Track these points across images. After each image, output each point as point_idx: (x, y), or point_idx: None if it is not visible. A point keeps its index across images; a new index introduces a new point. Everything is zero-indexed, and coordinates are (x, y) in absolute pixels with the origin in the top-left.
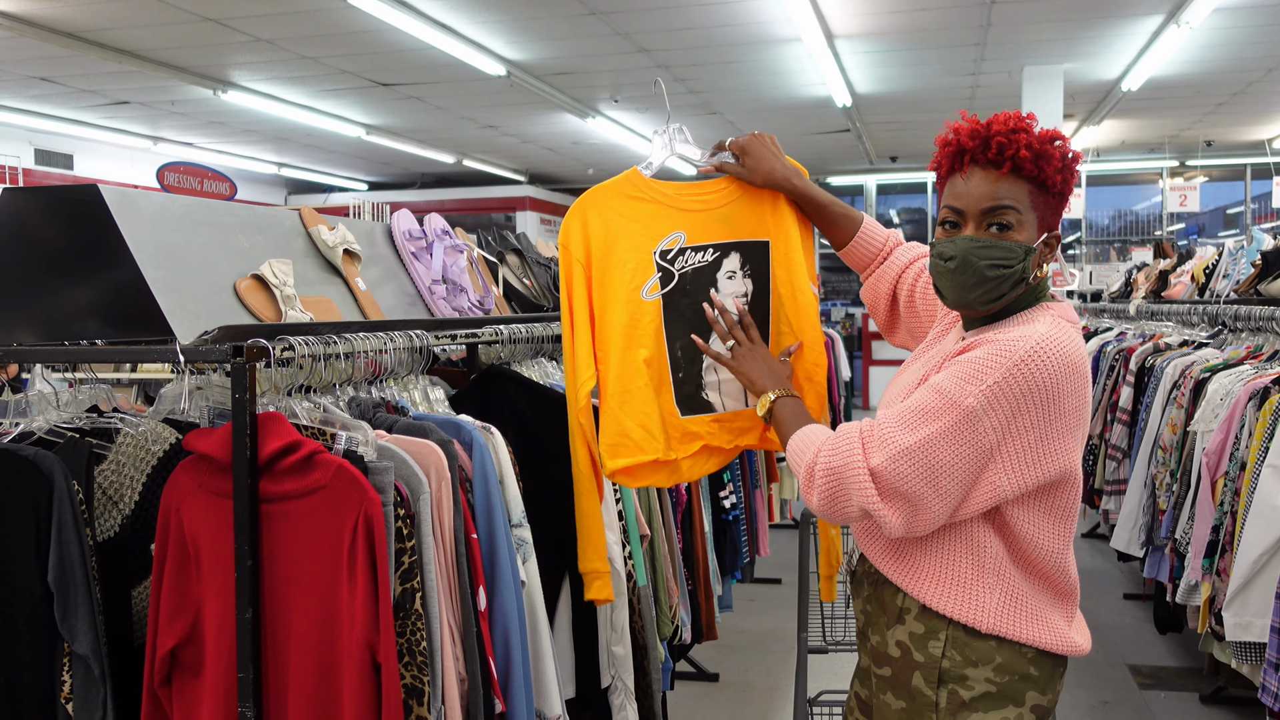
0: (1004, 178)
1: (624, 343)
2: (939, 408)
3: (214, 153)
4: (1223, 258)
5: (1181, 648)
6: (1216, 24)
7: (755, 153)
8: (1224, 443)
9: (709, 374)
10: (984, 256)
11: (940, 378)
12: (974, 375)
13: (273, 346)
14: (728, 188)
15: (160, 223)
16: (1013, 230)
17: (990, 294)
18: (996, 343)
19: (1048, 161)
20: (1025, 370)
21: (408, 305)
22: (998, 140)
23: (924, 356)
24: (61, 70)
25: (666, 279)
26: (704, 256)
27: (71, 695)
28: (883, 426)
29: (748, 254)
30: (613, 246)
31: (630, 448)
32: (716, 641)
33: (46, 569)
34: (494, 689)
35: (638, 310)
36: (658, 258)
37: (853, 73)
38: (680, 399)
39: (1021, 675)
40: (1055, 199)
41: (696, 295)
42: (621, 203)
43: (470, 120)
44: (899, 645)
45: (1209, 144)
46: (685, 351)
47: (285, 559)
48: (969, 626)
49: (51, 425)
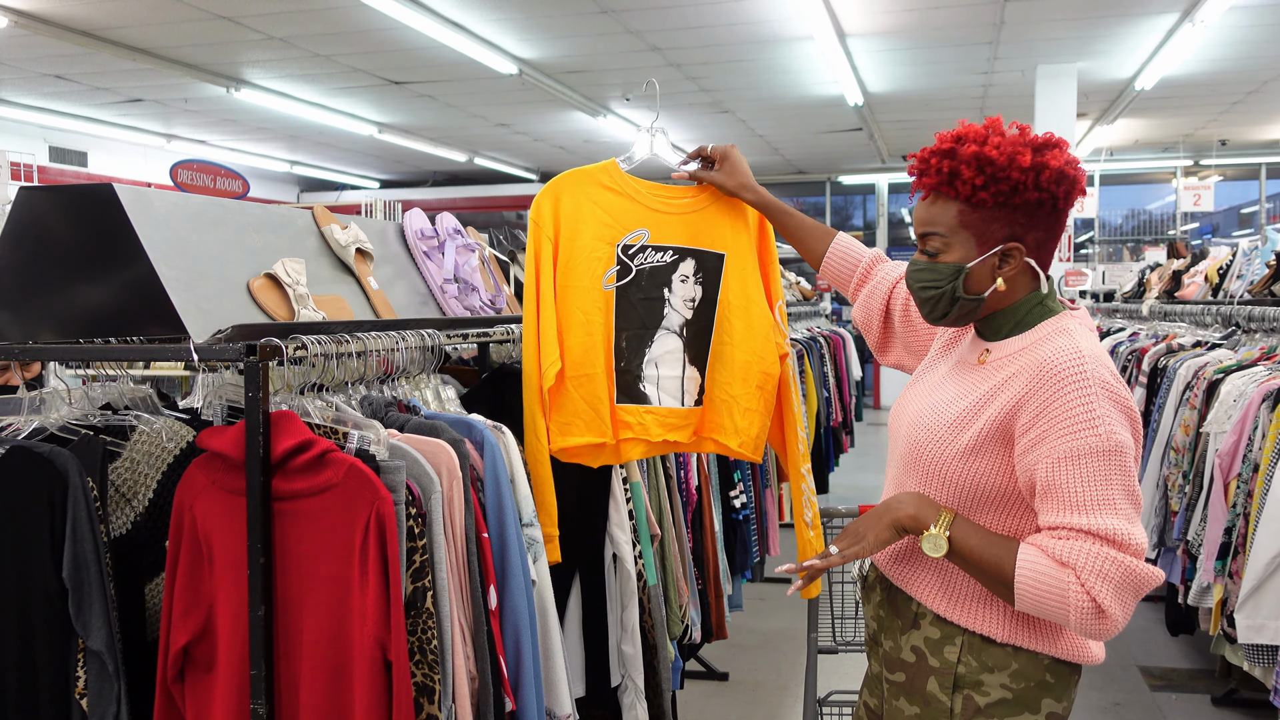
0: (934, 202)
1: (585, 327)
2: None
3: (227, 150)
4: (1236, 258)
5: (1193, 650)
6: (1231, 22)
7: (735, 161)
8: (1237, 444)
9: (649, 368)
10: (916, 280)
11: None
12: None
13: (286, 345)
14: (697, 196)
15: (174, 221)
16: (941, 254)
17: (934, 312)
18: (1055, 369)
19: (961, 181)
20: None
21: (419, 304)
22: (918, 165)
23: (938, 369)
24: (76, 68)
25: (624, 272)
26: (663, 257)
27: (85, 691)
28: (1100, 521)
29: (703, 262)
30: (580, 230)
31: (580, 428)
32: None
33: (61, 565)
34: (505, 687)
35: (597, 297)
36: (619, 251)
37: (865, 71)
38: (620, 387)
39: (1038, 682)
40: (1001, 210)
41: (650, 292)
42: (595, 190)
43: (482, 118)
44: (914, 650)
45: (1223, 143)
46: (630, 342)
47: (297, 557)
48: (985, 635)
49: (65, 422)
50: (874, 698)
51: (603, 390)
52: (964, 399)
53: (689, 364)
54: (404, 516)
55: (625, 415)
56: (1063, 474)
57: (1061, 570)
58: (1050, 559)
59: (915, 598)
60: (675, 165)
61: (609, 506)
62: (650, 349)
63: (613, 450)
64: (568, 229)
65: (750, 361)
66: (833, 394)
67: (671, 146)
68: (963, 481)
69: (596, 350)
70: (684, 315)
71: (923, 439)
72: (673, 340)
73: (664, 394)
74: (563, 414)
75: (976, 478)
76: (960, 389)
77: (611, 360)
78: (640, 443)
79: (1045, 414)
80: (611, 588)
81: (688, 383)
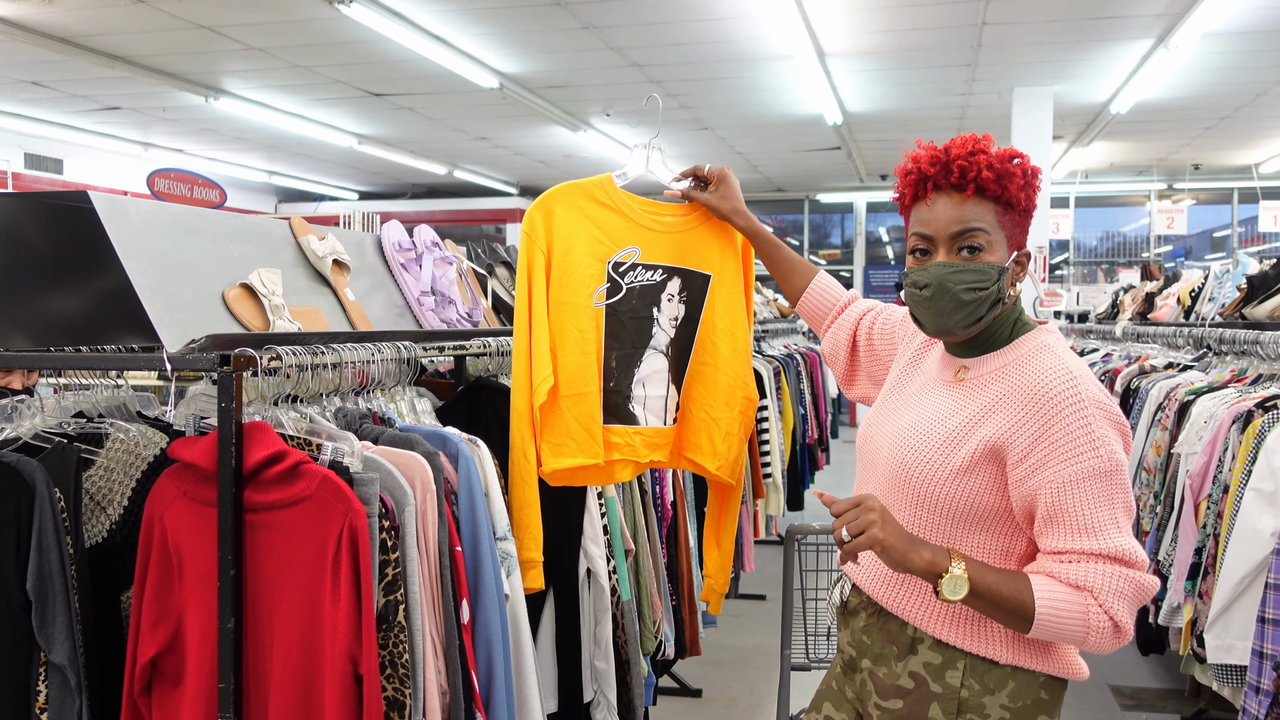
0: (969, 200)
1: (579, 345)
2: (1105, 486)
3: (204, 159)
4: (1209, 281)
5: (1163, 669)
6: (1205, 49)
7: (730, 184)
8: (1207, 465)
9: (638, 388)
10: (959, 281)
11: (1071, 470)
12: (1086, 440)
13: (260, 356)
14: (688, 216)
15: (150, 230)
16: (984, 251)
17: (969, 317)
18: (1050, 393)
19: (1010, 180)
20: (1098, 398)
21: (396, 316)
22: (959, 164)
23: (908, 387)
24: (53, 74)
25: (614, 290)
26: (652, 276)
27: (46, 706)
28: (1108, 542)
29: (689, 281)
30: (573, 245)
31: (573, 449)
32: (700, 657)
33: (26, 577)
34: (476, 702)
35: (589, 315)
36: (610, 268)
37: (844, 91)
38: (607, 407)
39: (1034, 700)
40: (1020, 216)
41: (639, 311)
42: (588, 205)
43: (462, 131)
44: (913, 676)
45: (1196, 167)
46: (620, 362)
47: (269, 569)
48: (987, 658)
49: (37, 430)
50: (840, 713)
51: (596, 410)
52: (951, 418)
53: (671, 383)
54: (377, 529)
55: (613, 436)
56: (1068, 499)
57: (1079, 595)
58: (1065, 585)
59: (911, 623)
60: (668, 182)
61: (584, 521)
62: (639, 369)
63: (604, 471)
64: (561, 243)
65: (734, 385)
66: (809, 411)
67: (665, 164)
68: (955, 501)
69: (591, 369)
70: (669, 334)
71: (911, 460)
72: (659, 360)
73: (650, 414)
74: (555, 434)
75: (970, 497)
76: (943, 408)
77: (600, 380)
78: (629, 464)
79: (1044, 439)
80: (585, 603)
81: (669, 402)
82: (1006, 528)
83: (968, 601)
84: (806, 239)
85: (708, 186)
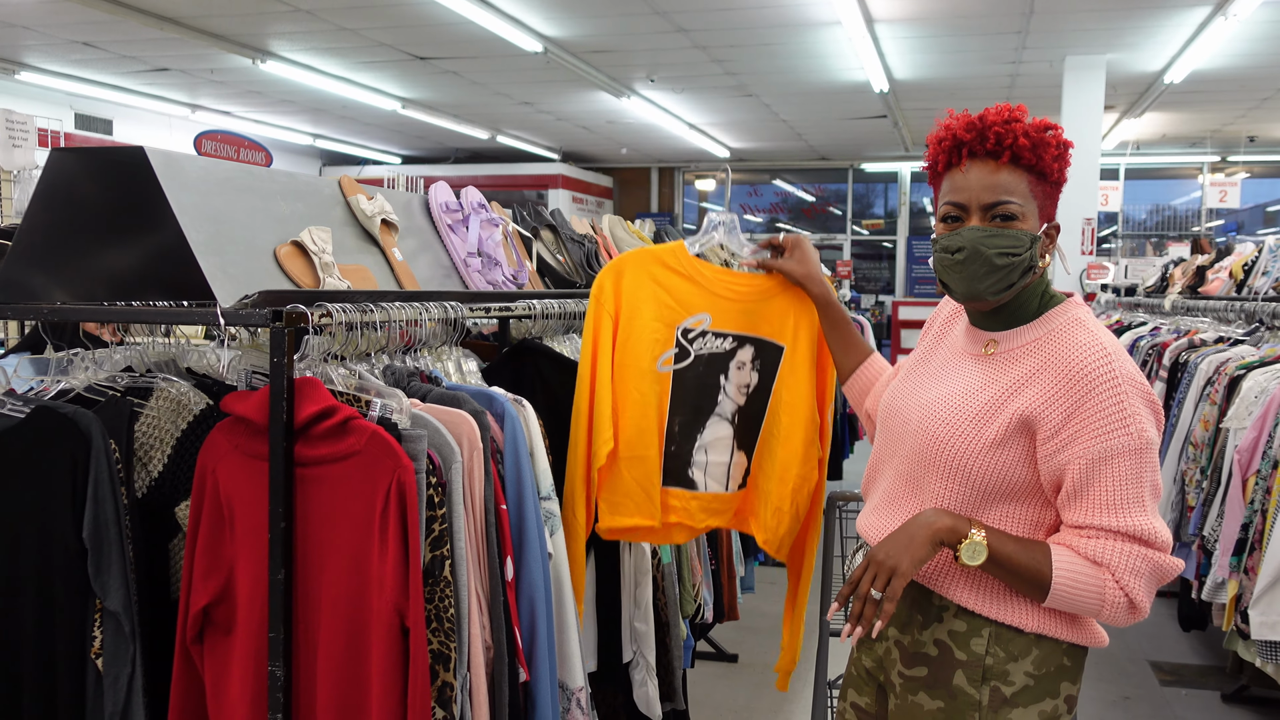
0: (1003, 168)
1: (640, 408)
2: (1135, 464)
3: (251, 122)
4: (1262, 254)
5: (1204, 646)
6: (1264, 17)
7: (805, 250)
8: (1257, 440)
9: (699, 454)
10: (992, 245)
11: (1101, 446)
12: (1118, 418)
13: (311, 312)
14: (762, 285)
15: (203, 187)
16: (1017, 220)
17: (1001, 283)
18: (1085, 369)
19: (1045, 149)
20: (1132, 376)
21: (443, 277)
22: (995, 131)
23: (933, 360)
24: (103, 35)
25: (682, 355)
26: (722, 343)
27: (101, 651)
28: (1131, 521)
29: (761, 350)
30: (640, 309)
31: (630, 509)
32: (737, 622)
33: (82, 526)
34: (519, 658)
35: (653, 379)
36: (679, 334)
37: (891, 58)
38: (667, 470)
39: (1057, 667)
40: (1052, 187)
41: (706, 378)
42: (659, 270)
43: (506, 96)
44: (937, 644)
45: (1252, 140)
46: (683, 427)
47: (318, 522)
48: (1012, 626)
49: (91, 383)
50: (864, 696)
51: (655, 473)
52: (983, 392)
53: (737, 449)
54: (424, 485)
55: (671, 499)
56: (1095, 475)
57: (1096, 569)
58: (1084, 559)
59: (938, 591)
60: (745, 254)
61: None
62: (702, 435)
63: (660, 533)
64: (628, 307)
65: (790, 462)
66: None
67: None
68: (986, 474)
69: (651, 432)
70: (737, 402)
71: (942, 433)
72: (724, 427)
73: (710, 479)
74: (614, 494)
75: (1001, 470)
76: (973, 381)
77: (663, 443)
78: (685, 528)
79: (1077, 415)
80: (626, 565)
81: (734, 469)
82: (1036, 499)
83: (986, 568)
84: (850, 208)
85: (784, 254)
